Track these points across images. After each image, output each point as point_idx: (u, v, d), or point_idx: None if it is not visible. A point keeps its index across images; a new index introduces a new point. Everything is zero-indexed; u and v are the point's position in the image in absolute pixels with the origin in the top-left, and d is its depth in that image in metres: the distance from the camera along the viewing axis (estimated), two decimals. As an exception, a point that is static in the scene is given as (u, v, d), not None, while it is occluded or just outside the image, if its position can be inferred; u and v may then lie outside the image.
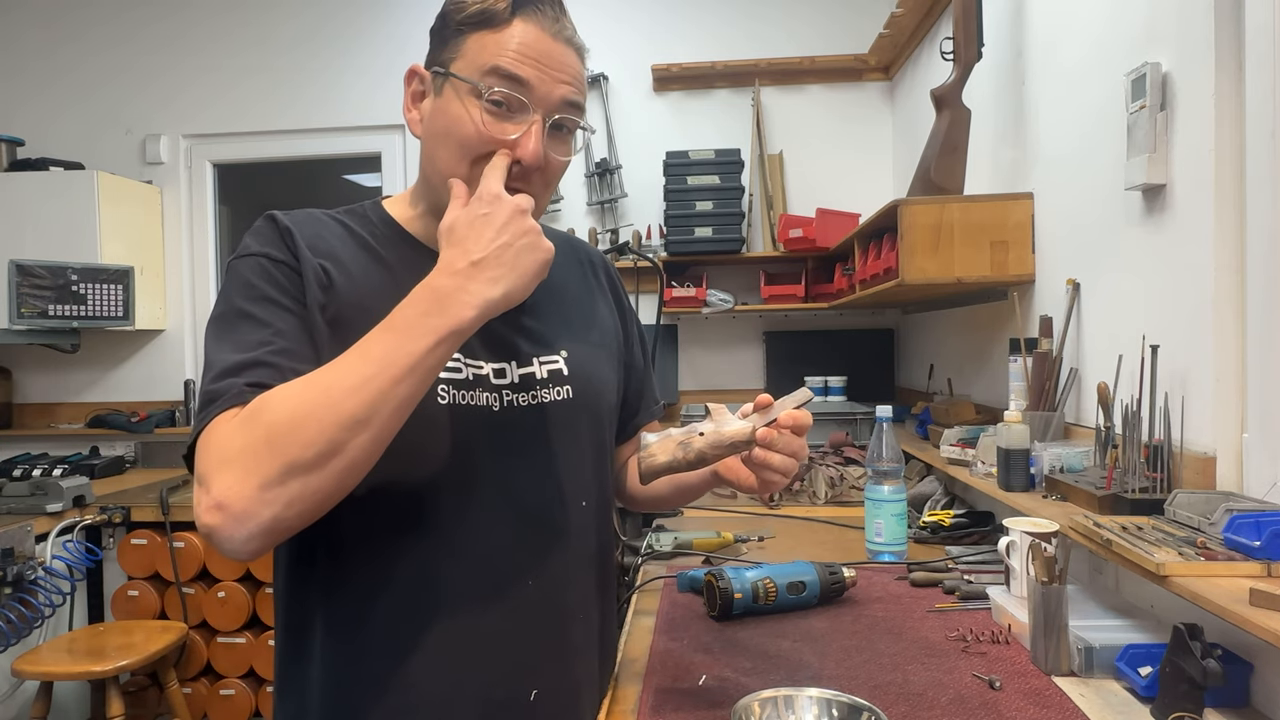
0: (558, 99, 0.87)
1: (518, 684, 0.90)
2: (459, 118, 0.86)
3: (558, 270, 1.04)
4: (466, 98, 0.86)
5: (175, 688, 2.60)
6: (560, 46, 0.87)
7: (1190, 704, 0.92)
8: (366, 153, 3.66)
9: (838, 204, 3.15)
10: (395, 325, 0.75)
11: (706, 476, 0.98)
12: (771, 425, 0.87)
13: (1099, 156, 1.59)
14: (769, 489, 0.90)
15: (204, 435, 0.74)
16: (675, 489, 1.06)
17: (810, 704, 0.91)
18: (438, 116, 0.88)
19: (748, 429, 0.87)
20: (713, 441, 0.88)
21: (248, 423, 0.72)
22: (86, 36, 3.64)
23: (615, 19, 3.43)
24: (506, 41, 0.85)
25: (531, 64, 0.85)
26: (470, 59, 0.86)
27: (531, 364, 0.95)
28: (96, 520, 2.69)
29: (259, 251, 0.86)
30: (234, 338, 0.80)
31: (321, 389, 0.72)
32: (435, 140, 0.89)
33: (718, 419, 0.89)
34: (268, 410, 0.72)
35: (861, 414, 2.81)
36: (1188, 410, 1.28)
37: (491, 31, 0.85)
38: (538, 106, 0.86)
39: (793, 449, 0.87)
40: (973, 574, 1.49)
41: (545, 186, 0.91)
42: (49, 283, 3.06)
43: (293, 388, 0.73)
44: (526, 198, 0.82)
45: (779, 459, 0.87)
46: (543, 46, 0.86)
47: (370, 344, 0.74)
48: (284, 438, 0.70)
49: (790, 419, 0.87)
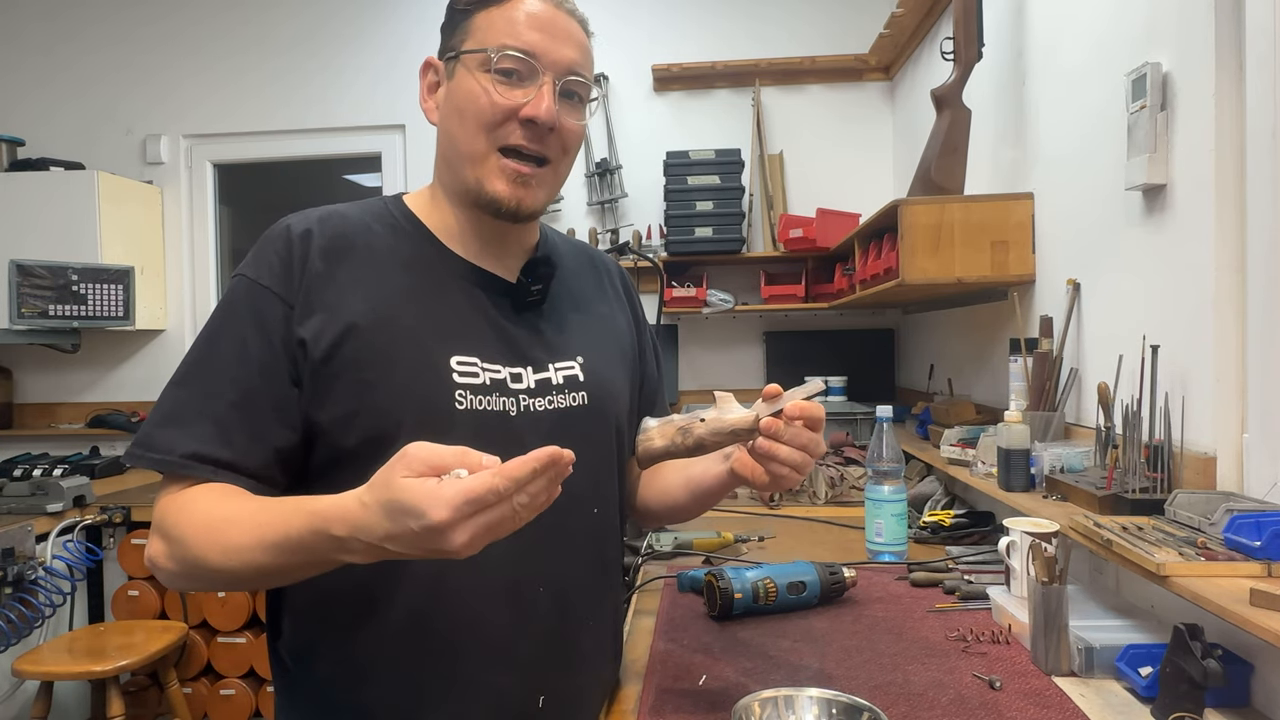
0: (566, 62, 0.89)
1: (527, 690, 0.90)
2: (472, 91, 0.88)
3: (574, 276, 1.05)
4: (477, 72, 0.88)
5: (175, 688, 2.60)
6: (564, 16, 0.90)
7: (1190, 704, 0.92)
8: (366, 153, 3.66)
9: (838, 204, 3.15)
10: (293, 539, 0.73)
11: (724, 478, 0.95)
12: (778, 416, 0.84)
13: (1099, 156, 1.59)
14: (779, 485, 0.87)
15: (158, 499, 0.84)
16: (691, 495, 1.02)
17: (810, 704, 0.91)
18: (452, 96, 0.91)
19: (750, 416, 0.85)
20: (713, 428, 0.86)
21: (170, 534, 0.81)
22: (86, 36, 3.64)
23: (615, 19, 3.43)
24: (512, 14, 0.88)
25: (537, 31, 0.88)
26: (479, 36, 0.89)
27: (548, 369, 0.95)
28: (97, 520, 2.69)
29: (252, 276, 0.87)
30: (200, 375, 0.86)
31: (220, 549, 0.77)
32: (451, 119, 0.91)
33: (722, 406, 0.87)
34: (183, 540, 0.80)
35: (862, 414, 2.81)
36: (1188, 410, 1.28)
37: (496, 7, 0.89)
38: (547, 70, 0.88)
39: (802, 442, 0.85)
40: (973, 574, 1.49)
41: (564, 151, 0.93)
42: (49, 283, 3.06)
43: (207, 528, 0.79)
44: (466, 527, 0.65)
45: (786, 451, 0.84)
46: (547, 15, 0.89)
47: (273, 528, 0.75)
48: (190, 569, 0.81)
49: (798, 409, 0.85)
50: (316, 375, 0.85)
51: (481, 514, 0.63)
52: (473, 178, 0.90)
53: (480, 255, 0.95)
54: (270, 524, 0.75)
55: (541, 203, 0.93)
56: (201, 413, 0.84)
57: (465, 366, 0.88)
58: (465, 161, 0.90)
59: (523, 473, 0.63)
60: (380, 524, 0.65)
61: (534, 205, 0.92)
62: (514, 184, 0.90)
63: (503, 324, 0.93)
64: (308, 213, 0.92)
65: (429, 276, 0.92)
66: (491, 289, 0.94)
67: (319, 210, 0.93)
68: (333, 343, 0.85)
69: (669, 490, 1.07)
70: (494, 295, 0.94)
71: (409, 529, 0.63)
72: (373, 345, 0.86)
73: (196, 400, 0.85)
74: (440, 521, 0.61)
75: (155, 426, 0.84)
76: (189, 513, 0.81)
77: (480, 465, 0.64)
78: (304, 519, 0.72)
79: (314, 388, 0.85)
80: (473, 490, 0.61)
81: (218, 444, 0.82)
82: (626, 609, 1.41)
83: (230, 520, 0.78)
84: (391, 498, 0.64)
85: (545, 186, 0.93)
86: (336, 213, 0.93)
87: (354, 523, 0.67)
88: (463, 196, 0.93)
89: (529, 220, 0.96)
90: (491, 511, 0.63)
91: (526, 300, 0.96)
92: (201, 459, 0.82)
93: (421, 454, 0.65)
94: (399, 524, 0.64)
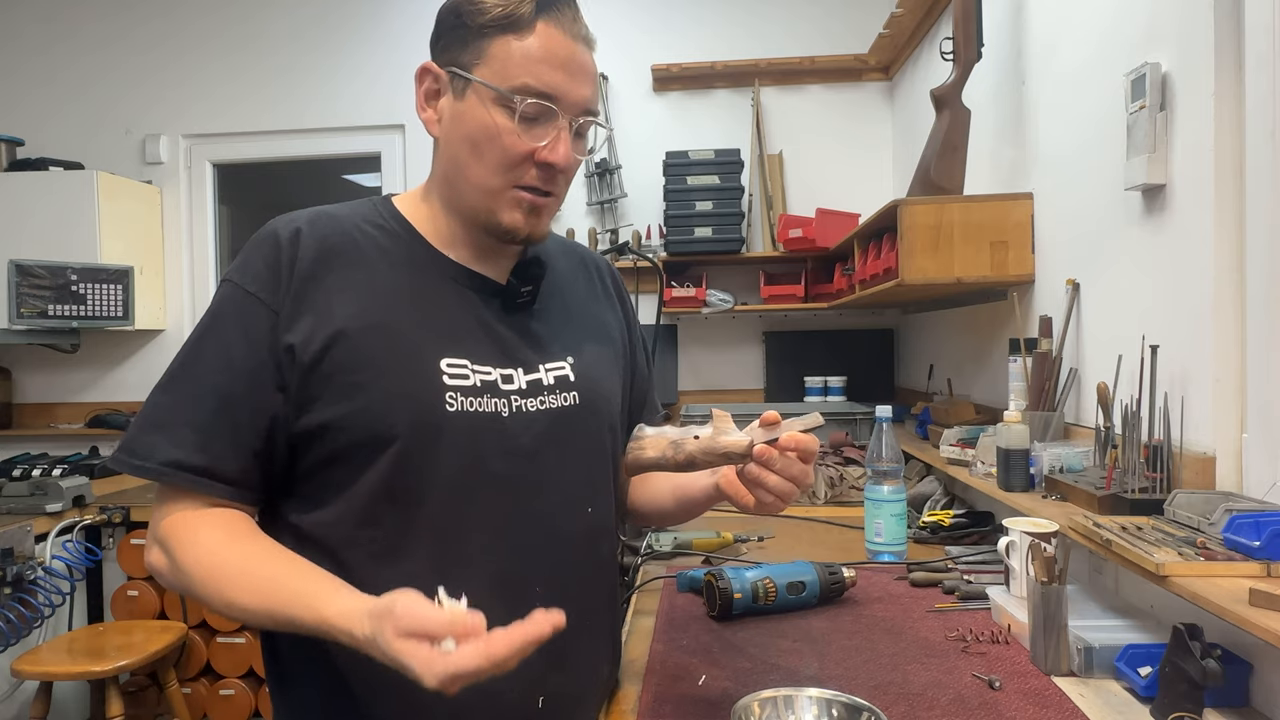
0: (583, 103, 0.89)
1: (525, 691, 0.90)
2: (489, 128, 0.87)
3: (564, 276, 1.05)
4: (493, 106, 0.86)
5: (175, 688, 2.60)
6: (580, 49, 0.89)
7: (1190, 704, 0.92)
8: (366, 153, 3.65)
9: (838, 204, 3.15)
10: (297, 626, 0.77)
11: (710, 491, 0.97)
12: (773, 444, 0.84)
13: (1099, 156, 1.59)
14: (764, 510, 0.88)
15: (156, 507, 0.87)
16: (678, 503, 1.04)
17: (810, 704, 0.91)
18: (463, 122, 0.88)
19: (745, 442, 0.85)
20: (706, 447, 0.86)
21: (173, 555, 0.84)
22: (86, 36, 3.63)
23: (615, 18, 3.43)
24: (533, 51, 0.85)
25: (558, 70, 0.86)
26: (497, 67, 0.86)
27: (538, 370, 0.95)
28: (96, 520, 2.69)
29: (239, 282, 0.87)
30: (184, 382, 0.87)
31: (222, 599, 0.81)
32: (462, 147, 0.89)
33: (718, 426, 0.87)
34: (187, 572, 0.83)
35: (861, 414, 2.81)
36: (1187, 410, 1.28)
37: (516, 37, 0.85)
38: (566, 113, 0.87)
39: (792, 473, 0.86)
40: (973, 574, 1.49)
41: (567, 184, 0.94)
42: (49, 283, 3.06)
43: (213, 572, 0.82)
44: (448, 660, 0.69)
45: (775, 480, 0.85)
46: (565, 52, 0.87)
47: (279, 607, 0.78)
48: (190, 595, 0.84)
49: (793, 441, 0.85)
50: (306, 380, 0.84)
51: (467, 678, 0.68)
52: (484, 208, 0.90)
53: (470, 257, 0.95)
54: (276, 601, 0.78)
55: (547, 228, 0.96)
56: (183, 419, 0.85)
57: (455, 368, 0.88)
58: (476, 192, 0.90)
59: (510, 649, 0.67)
60: (377, 655, 0.71)
61: (544, 232, 0.95)
62: (528, 215, 0.91)
63: (493, 325, 0.93)
64: (296, 214, 0.92)
65: (418, 279, 0.92)
66: (481, 290, 0.94)
67: (308, 212, 0.93)
68: (322, 347, 0.84)
69: (656, 495, 1.09)
70: (484, 296, 0.94)
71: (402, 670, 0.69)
72: (362, 349, 0.85)
73: (179, 407, 0.86)
74: (430, 687, 0.67)
75: (139, 431, 0.85)
76: (194, 546, 0.83)
77: (468, 632, 0.68)
78: (313, 619, 0.75)
79: (303, 393, 0.85)
80: (463, 669, 0.66)
81: (197, 451, 0.83)
82: (626, 609, 1.42)
83: (236, 573, 0.81)
84: (386, 650, 0.69)
85: (552, 212, 0.95)
86: (325, 214, 0.93)
87: (357, 642, 0.72)
88: (467, 216, 0.93)
89: (537, 244, 0.97)
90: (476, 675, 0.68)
91: (516, 301, 0.96)
92: (180, 466, 0.83)
93: (410, 620, 0.68)
94: (393, 666, 0.69)
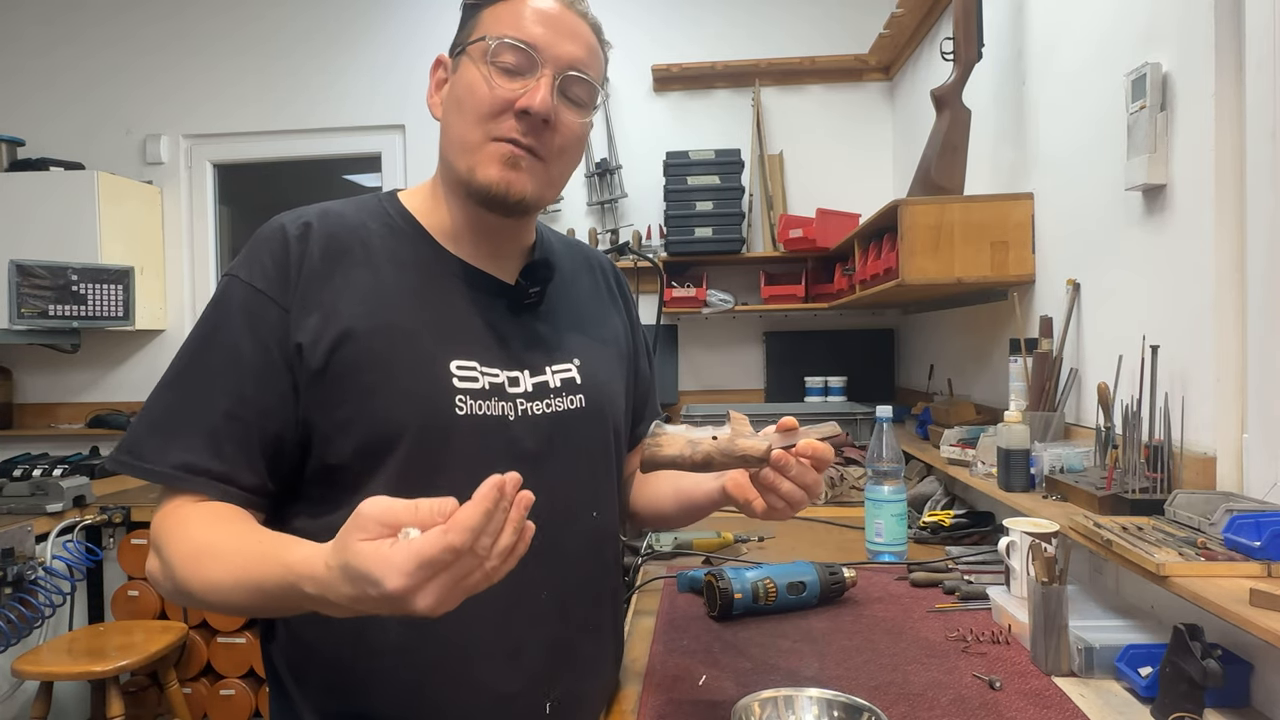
0: (567, 58, 0.88)
1: (532, 694, 0.89)
2: (472, 82, 0.88)
3: (570, 277, 1.04)
4: (479, 62, 0.88)
5: (175, 688, 2.60)
6: (572, 15, 0.90)
7: (1190, 704, 0.92)
8: (366, 153, 3.65)
9: (838, 204, 3.15)
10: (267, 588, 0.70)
11: (714, 495, 0.95)
12: (790, 450, 0.84)
13: (1099, 156, 1.59)
14: (773, 516, 0.87)
15: (157, 510, 0.83)
16: (679, 506, 1.03)
17: (810, 704, 0.91)
18: (454, 88, 0.91)
19: (763, 446, 0.83)
20: (724, 449, 0.84)
21: (163, 554, 0.80)
22: (86, 36, 3.63)
23: (615, 18, 3.41)
24: (519, 8, 0.88)
25: (541, 25, 0.87)
26: (483, 29, 0.88)
27: (545, 372, 0.94)
28: (97, 520, 2.69)
29: (245, 278, 0.85)
30: (191, 381, 0.85)
31: (201, 581, 0.76)
32: (450, 111, 0.91)
33: (735, 427, 0.86)
34: (172, 564, 0.79)
35: (861, 414, 2.81)
36: (1188, 410, 1.28)
37: (504, 3, 0.88)
38: (547, 64, 0.87)
39: (806, 481, 0.85)
40: (973, 574, 1.49)
41: (560, 151, 0.90)
42: (49, 283, 3.06)
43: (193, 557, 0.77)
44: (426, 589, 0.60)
45: (789, 487, 0.84)
46: (554, 12, 0.88)
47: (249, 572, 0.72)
48: (179, 594, 0.79)
49: (810, 449, 0.84)
50: (315, 380, 0.83)
51: (443, 573, 0.59)
52: (465, 166, 0.88)
53: (477, 255, 0.94)
54: (246, 567, 0.72)
55: (532, 192, 0.89)
56: (192, 421, 0.82)
57: (465, 371, 0.87)
58: (459, 150, 0.89)
59: (474, 519, 0.58)
60: (343, 588, 0.62)
61: (524, 191, 0.88)
62: (504, 166, 0.86)
63: (499, 327, 0.92)
64: (302, 210, 0.91)
65: (426, 278, 0.91)
66: (488, 290, 0.94)
67: (314, 207, 0.92)
68: (330, 347, 0.83)
69: (658, 498, 1.08)
70: (490, 297, 0.93)
71: (369, 595, 0.59)
72: (371, 349, 0.84)
73: (187, 408, 0.83)
74: (397, 589, 0.57)
75: (144, 433, 0.83)
76: (179, 536, 0.79)
77: (433, 519, 0.59)
78: (278, 571, 0.69)
79: (313, 393, 0.83)
80: (424, 552, 0.57)
81: (208, 454, 0.81)
82: (626, 609, 1.41)
83: (213, 552, 0.76)
84: (347, 562, 0.60)
85: (537, 177, 0.89)
86: (332, 210, 0.92)
87: (321, 583, 0.64)
88: (458, 188, 0.91)
89: (521, 213, 0.92)
90: (454, 569, 0.59)
91: (524, 303, 0.95)
92: (192, 469, 0.80)
93: (374, 512, 0.60)
94: (360, 589, 0.60)
